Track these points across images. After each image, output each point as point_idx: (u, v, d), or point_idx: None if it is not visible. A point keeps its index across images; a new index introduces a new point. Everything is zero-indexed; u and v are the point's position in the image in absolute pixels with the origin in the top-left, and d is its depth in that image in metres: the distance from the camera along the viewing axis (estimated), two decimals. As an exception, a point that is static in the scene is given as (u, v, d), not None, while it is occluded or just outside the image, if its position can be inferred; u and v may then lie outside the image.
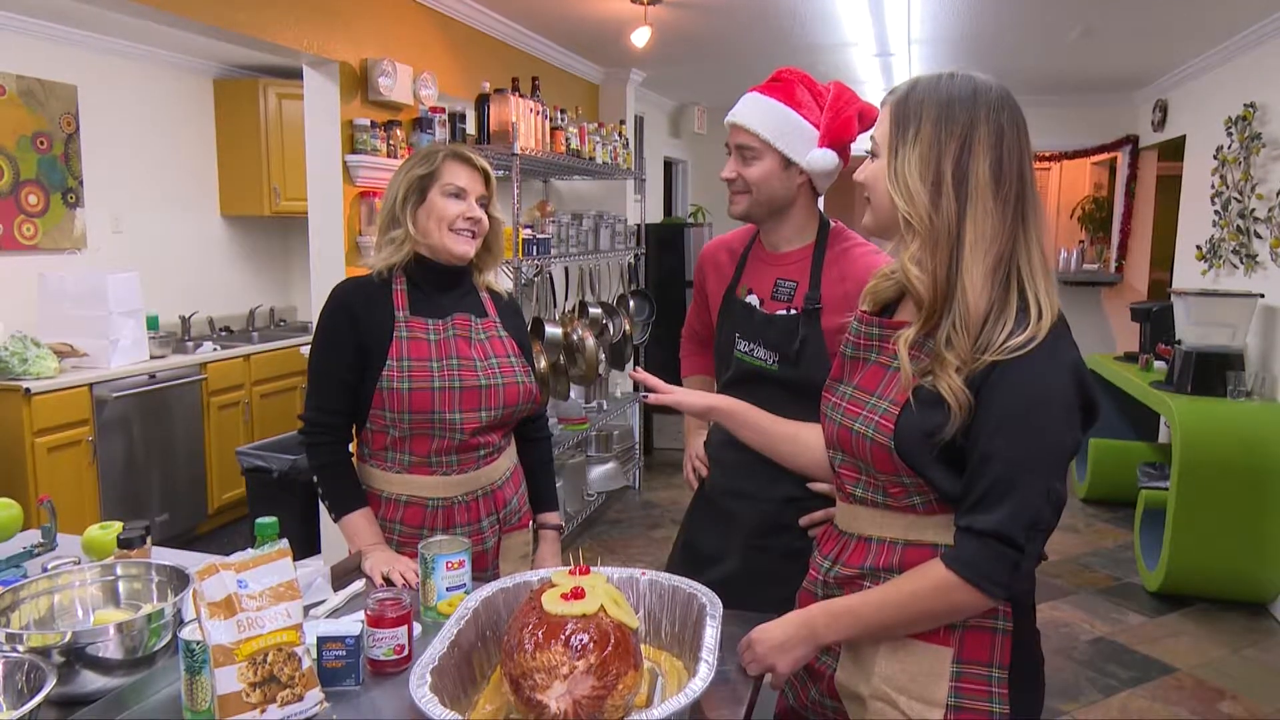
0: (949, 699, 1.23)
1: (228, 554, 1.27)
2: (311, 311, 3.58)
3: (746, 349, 1.88)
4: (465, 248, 1.85)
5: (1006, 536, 1.16)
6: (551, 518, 2.10)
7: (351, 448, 1.92)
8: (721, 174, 1.88)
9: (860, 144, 1.60)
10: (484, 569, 1.89)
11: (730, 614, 1.41)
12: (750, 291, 1.91)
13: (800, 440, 1.50)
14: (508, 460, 1.98)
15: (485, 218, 1.87)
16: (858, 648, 1.31)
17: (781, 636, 1.31)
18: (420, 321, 1.84)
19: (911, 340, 1.23)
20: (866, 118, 1.80)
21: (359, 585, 1.69)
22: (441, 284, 1.89)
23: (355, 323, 1.82)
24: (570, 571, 1.30)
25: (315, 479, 1.87)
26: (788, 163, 1.81)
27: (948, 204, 1.20)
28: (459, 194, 1.83)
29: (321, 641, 1.33)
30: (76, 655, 1.24)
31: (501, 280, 2.11)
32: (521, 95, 3.86)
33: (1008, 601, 1.24)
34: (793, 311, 1.84)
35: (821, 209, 1.94)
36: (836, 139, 1.80)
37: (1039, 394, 1.16)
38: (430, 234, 1.83)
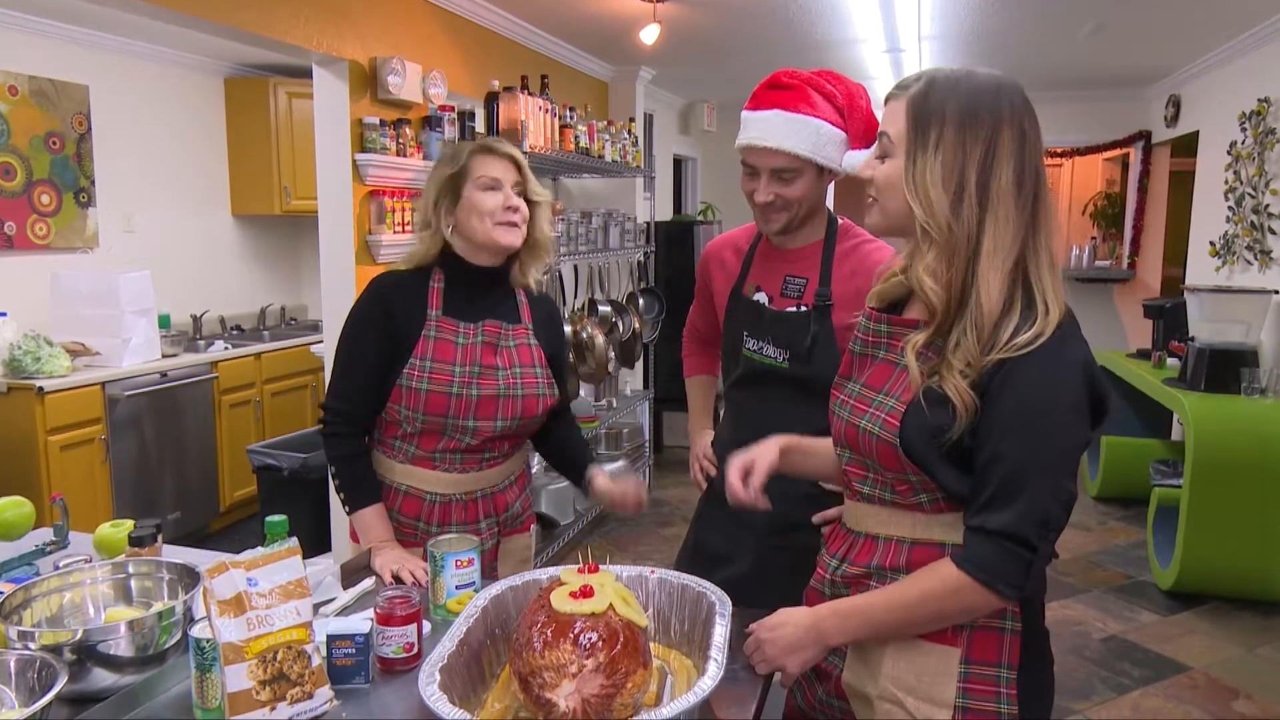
0: (957, 699, 1.23)
1: (239, 552, 1.28)
2: (322, 310, 3.59)
3: (755, 347, 1.87)
4: (512, 238, 1.83)
5: (1019, 536, 1.15)
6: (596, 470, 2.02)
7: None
8: (757, 199, 1.81)
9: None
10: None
11: (739, 612, 1.41)
12: (758, 289, 1.90)
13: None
14: (514, 465, 1.97)
15: (525, 205, 1.85)
16: (865, 648, 1.31)
17: (790, 637, 1.31)
18: (451, 323, 1.83)
19: (920, 345, 1.21)
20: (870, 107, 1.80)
21: (369, 583, 1.70)
22: (479, 285, 1.88)
23: (389, 316, 1.82)
24: (579, 569, 1.30)
25: (332, 470, 1.87)
26: (821, 171, 1.80)
27: (969, 213, 1.17)
28: (494, 185, 1.81)
29: (331, 639, 1.33)
30: (88, 653, 1.25)
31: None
32: (530, 93, 3.86)
33: (1018, 601, 1.23)
34: (803, 308, 1.83)
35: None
36: (874, 139, 1.79)
37: (1048, 392, 1.15)
38: (475, 231, 1.81)
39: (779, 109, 1.76)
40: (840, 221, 1.90)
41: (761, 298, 1.89)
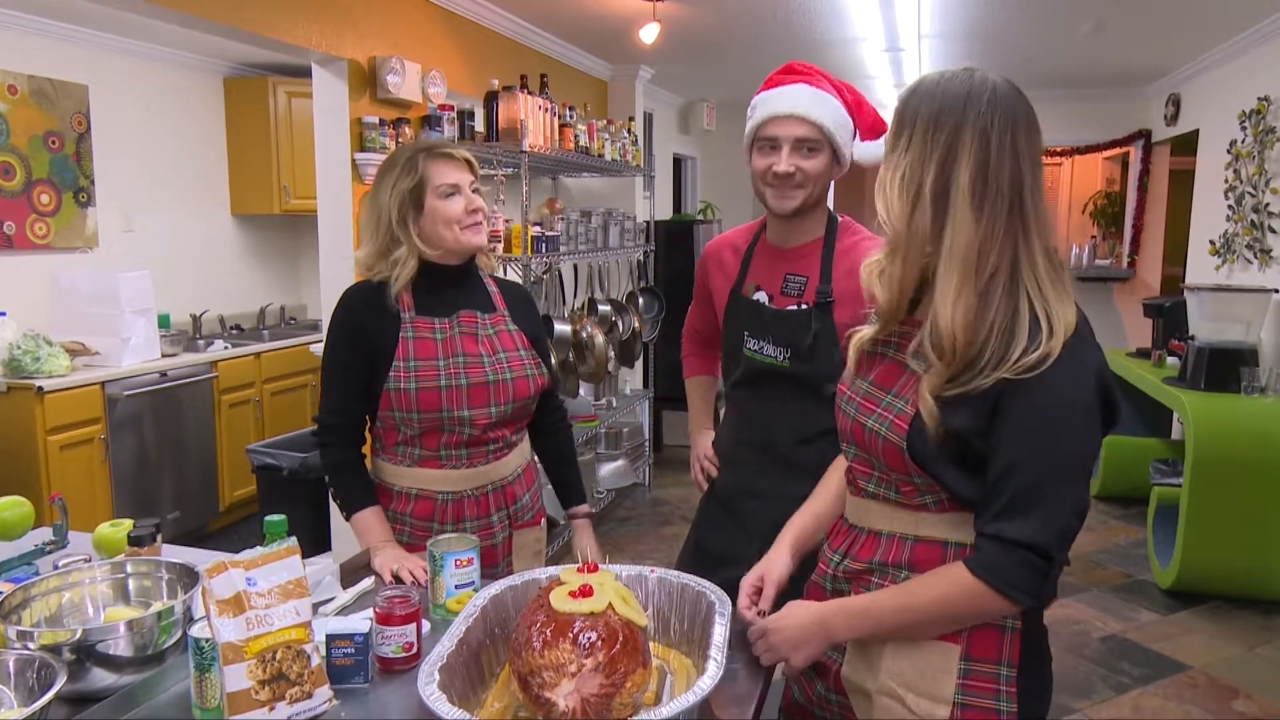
0: (956, 696, 1.23)
1: (238, 552, 1.28)
2: (322, 309, 3.59)
3: (756, 346, 1.87)
4: (479, 239, 1.86)
5: (1037, 546, 1.14)
6: (581, 509, 2.10)
7: (364, 449, 1.93)
8: (777, 169, 1.78)
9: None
10: (493, 564, 1.89)
11: (739, 612, 1.40)
12: (758, 288, 1.90)
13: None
14: (519, 457, 1.98)
15: (483, 204, 1.87)
16: (865, 643, 1.31)
17: (797, 633, 1.31)
18: (426, 321, 1.84)
19: (864, 342, 1.26)
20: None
21: (368, 583, 1.70)
22: (448, 282, 1.89)
23: (363, 328, 1.83)
24: (579, 569, 1.30)
25: (327, 478, 1.88)
26: (834, 157, 1.80)
27: (922, 218, 1.17)
28: (455, 191, 1.82)
29: (330, 639, 1.33)
30: (87, 653, 1.25)
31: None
32: (530, 92, 3.86)
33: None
34: (804, 306, 1.83)
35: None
36: (879, 134, 1.81)
37: (1063, 402, 1.14)
38: (442, 238, 1.82)
39: (805, 85, 1.78)
40: (840, 219, 1.90)
41: (761, 297, 1.89)
